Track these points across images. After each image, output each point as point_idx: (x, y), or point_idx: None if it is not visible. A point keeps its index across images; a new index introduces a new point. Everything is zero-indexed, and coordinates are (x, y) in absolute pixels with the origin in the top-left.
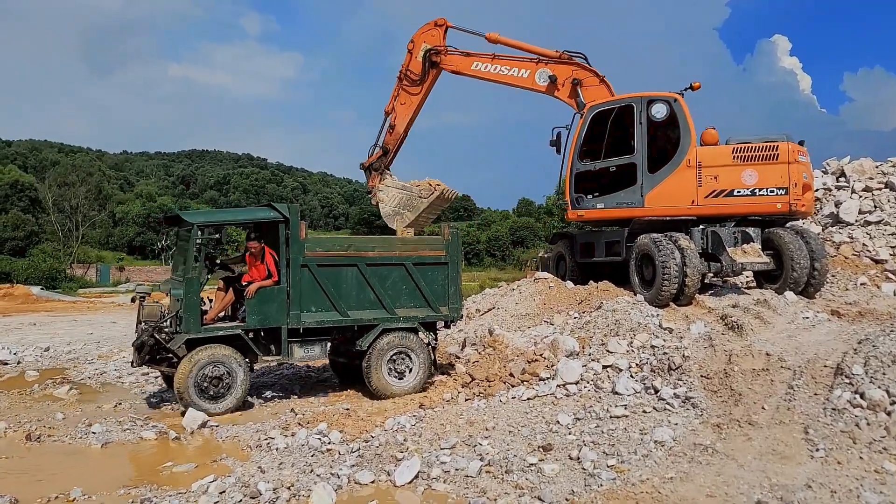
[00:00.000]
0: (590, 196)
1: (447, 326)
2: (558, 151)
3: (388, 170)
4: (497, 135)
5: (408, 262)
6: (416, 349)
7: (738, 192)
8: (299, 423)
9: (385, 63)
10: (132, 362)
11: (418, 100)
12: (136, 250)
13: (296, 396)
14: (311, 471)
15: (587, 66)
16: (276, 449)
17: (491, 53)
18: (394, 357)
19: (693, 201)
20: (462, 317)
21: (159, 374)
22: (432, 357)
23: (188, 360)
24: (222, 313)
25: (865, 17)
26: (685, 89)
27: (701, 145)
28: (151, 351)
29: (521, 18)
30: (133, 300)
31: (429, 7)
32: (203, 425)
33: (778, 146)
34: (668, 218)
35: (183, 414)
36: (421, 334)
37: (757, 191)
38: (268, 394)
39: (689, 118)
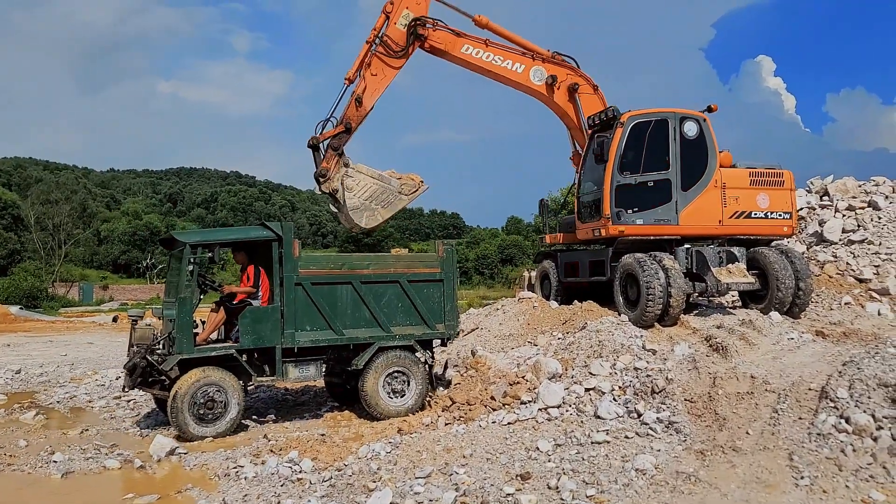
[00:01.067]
0: (630, 211)
1: (444, 344)
2: (598, 161)
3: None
4: (486, 153)
5: (403, 279)
6: (412, 368)
7: (755, 214)
8: (271, 450)
9: None
10: (123, 386)
11: (394, 74)
12: (122, 268)
13: (272, 420)
14: (279, 502)
15: (581, 71)
16: (245, 478)
17: (484, 39)
18: (390, 376)
19: (720, 221)
20: (459, 334)
21: (152, 397)
22: (429, 375)
23: (182, 382)
24: (215, 334)
25: (846, 38)
26: (704, 110)
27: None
28: (143, 373)
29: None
30: (115, 320)
31: None
32: (171, 452)
33: (783, 173)
34: (704, 236)
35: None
36: (417, 352)
37: (769, 214)
38: None
39: (714, 139)
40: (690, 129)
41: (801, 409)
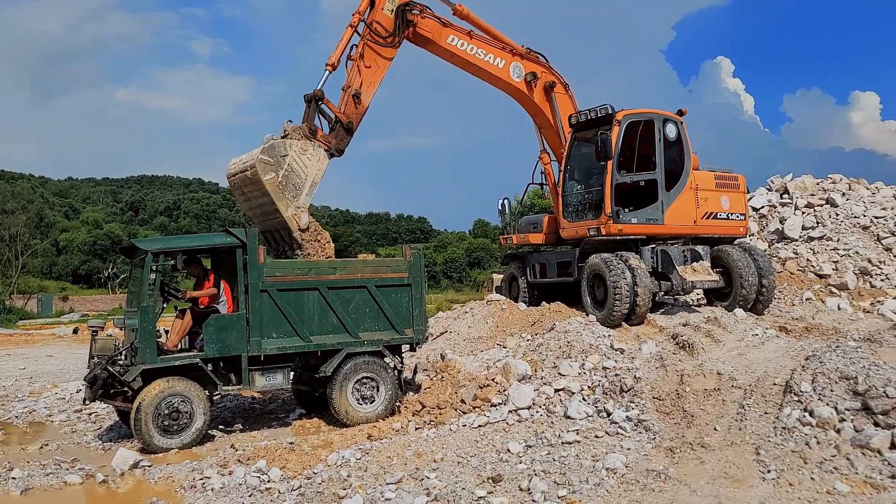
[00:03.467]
0: (625, 210)
1: (413, 349)
2: (600, 159)
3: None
4: (452, 157)
5: (370, 284)
6: (381, 373)
7: (720, 214)
8: (238, 460)
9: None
10: (84, 398)
11: (387, 66)
12: (82, 279)
13: (239, 430)
14: None
15: (554, 70)
16: (212, 489)
17: (467, 29)
18: (359, 382)
19: (694, 221)
20: (428, 338)
21: (113, 409)
22: (399, 380)
23: (145, 394)
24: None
25: (801, 40)
26: (675, 114)
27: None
28: (105, 385)
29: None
30: (76, 332)
31: None
32: (135, 466)
33: (738, 177)
34: (682, 236)
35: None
36: (386, 358)
37: (729, 215)
38: None
39: (688, 141)
40: (671, 130)
41: (767, 403)
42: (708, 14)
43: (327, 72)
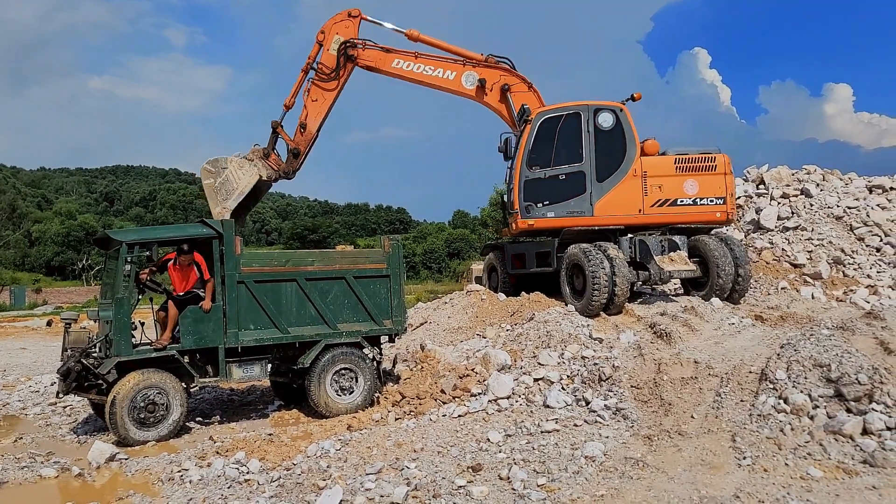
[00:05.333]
0: (540, 204)
1: (391, 340)
2: (506, 158)
3: (294, 173)
4: (432, 148)
5: (348, 275)
6: (360, 364)
7: (682, 201)
8: (217, 452)
9: None
10: (58, 392)
11: (332, 97)
12: (55, 270)
13: (216, 422)
14: None
15: (515, 71)
16: (190, 481)
17: (414, 52)
18: (338, 373)
19: (640, 210)
20: (406, 330)
21: (88, 402)
22: (377, 372)
23: (120, 386)
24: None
25: (776, 32)
26: (627, 100)
27: (642, 155)
28: (79, 378)
29: (440, 32)
30: (49, 324)
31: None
32: (111, 459)
33: (715, 157)
34: (622, 226)
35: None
36: (365, 349)
37: (698, 200)
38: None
39: (633, 128)
40: (605, 119)
41: (743, 391)
42: (687, 4)
43: (284, 110)
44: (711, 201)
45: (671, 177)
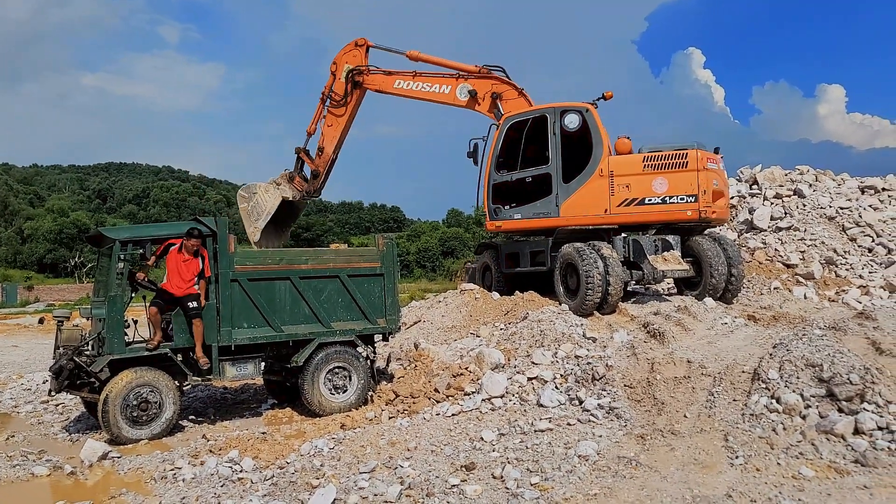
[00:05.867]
0: (507, 207)
1: (385, 339)
2: (476, 163)
3: (318, 193)
4: (426, 146)
5: (342, 273)
6: (354, 363)
7: (650, 200)
8: (210, 451)
9: (314, 74)
10: (50, 390)
11: (344, 121)
12: (48, 268)
13: (209, 420)
14: (219, 503)
15: (506, 79)
16: (183, 480)
17: (412, 71)
18: (331, 372)
19: (606, 210)
20: (400, 329)
21: (80, 400)
22: (371, 370)
23: (113, 384)
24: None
25: (769, 32)
26: (598, 99)
27: (615, 154)
28: (71, 376)
29: (439, 34)
30: (41, 322)
31: (358, 17)
32: (104, 457)
33: (687, 154)
34: (587, 227)
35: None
36: (359, 348)
37: (668, 198)
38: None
39: (601, 128)
40: (572, 121)
41: (736, 391)
42: (682, 4)
43: (307, 136)
44: (682, 199)
45: (639, 175)
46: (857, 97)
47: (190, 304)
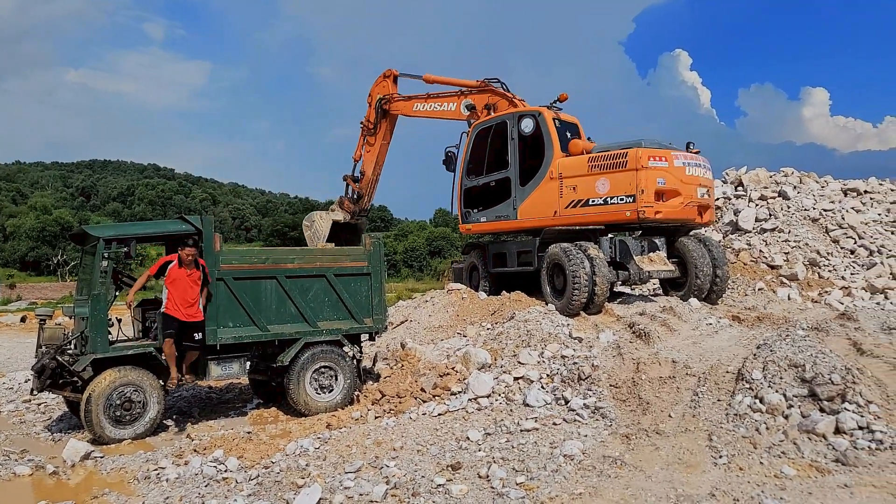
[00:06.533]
0: (475, 210)
1: (372, 338)
2: (449, 170)
3: (365, 212)
4: (413, 145)
5: (329, 273)
6: (340, 362)
7: (593, 201)
8: (194, 450)
9: (301, 72)
10: (32, 389)
11: (378, 146)
12: (30, 266)
13: (194, 420)
14: (203, 503)
15: (501, 90)
16: (167, 480)
17: (426, 94)
18: (317, 371)
19: (555, 212)
20: (387, 328)
21: (63, 399)
22: (357, 370)
23: (96, 384)
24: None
25: (755, 34)
26: (554, 102)
27: (568, 156)
28: (53, 375)
29: (430, 34)
30: (23, 320)
31: (347, 16)
32: (86, 457)
33: (627, 153)
34: (539, 229)
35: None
36: (345, 347)
37: (609, 199)
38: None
39: (552, 131)
40: (527, 126)
41: (720, 391)
42: (669, 6)
43: (353, 162)
44: (621, 200)
45: (584, 177)
46: (842, 100)
47: (197, 335)
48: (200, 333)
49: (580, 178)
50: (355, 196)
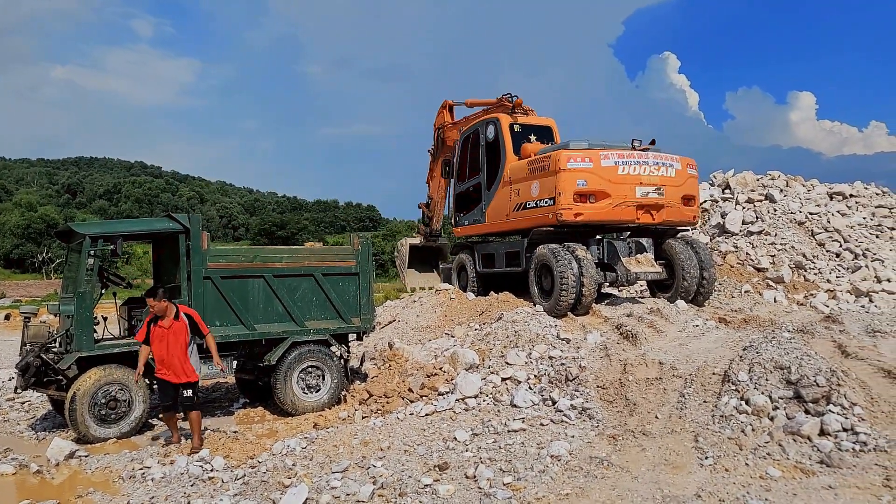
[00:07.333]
0: (461, 214)
1: (359, 338)
2: (448, 177)
3: (438, 233)
4: (402, 145)
5: (317, 272)
6: (327, 362)
7: (530, 204)
8: (180, 450)
9: (290, 70)
10: (16, 387)
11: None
12: (15, 263)
13: (180, 419)
14: (189, 503)
15: (508, 103)
16: (152, 479)
17: (465, 117)
18: (305, 371)
19: (507, 215)
20: (374, 328)
21: (47, 398)
22: (345, 370)
23: (81, 382)
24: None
25: (743, 38)
26: (514, 107)
27: (519, 160)
28: (38, 373)
29: (422, 33)
30: (7, 318)
31: (337, 14)
32: (71, 456)
33: (550, 156)
34: (496, 232)
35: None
36: (333, 347)
37: (539, 202)
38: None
39: (506, 136)
40: (490, 132)
41: (706, 392)
42: (659, 9)
43: (427, 185)
44: (545, 203)
45: (525, 180)
46: (828, 104)
47: (185, 392)
48: (191, 390)
49: (522, 183)
50: (427, 220)
